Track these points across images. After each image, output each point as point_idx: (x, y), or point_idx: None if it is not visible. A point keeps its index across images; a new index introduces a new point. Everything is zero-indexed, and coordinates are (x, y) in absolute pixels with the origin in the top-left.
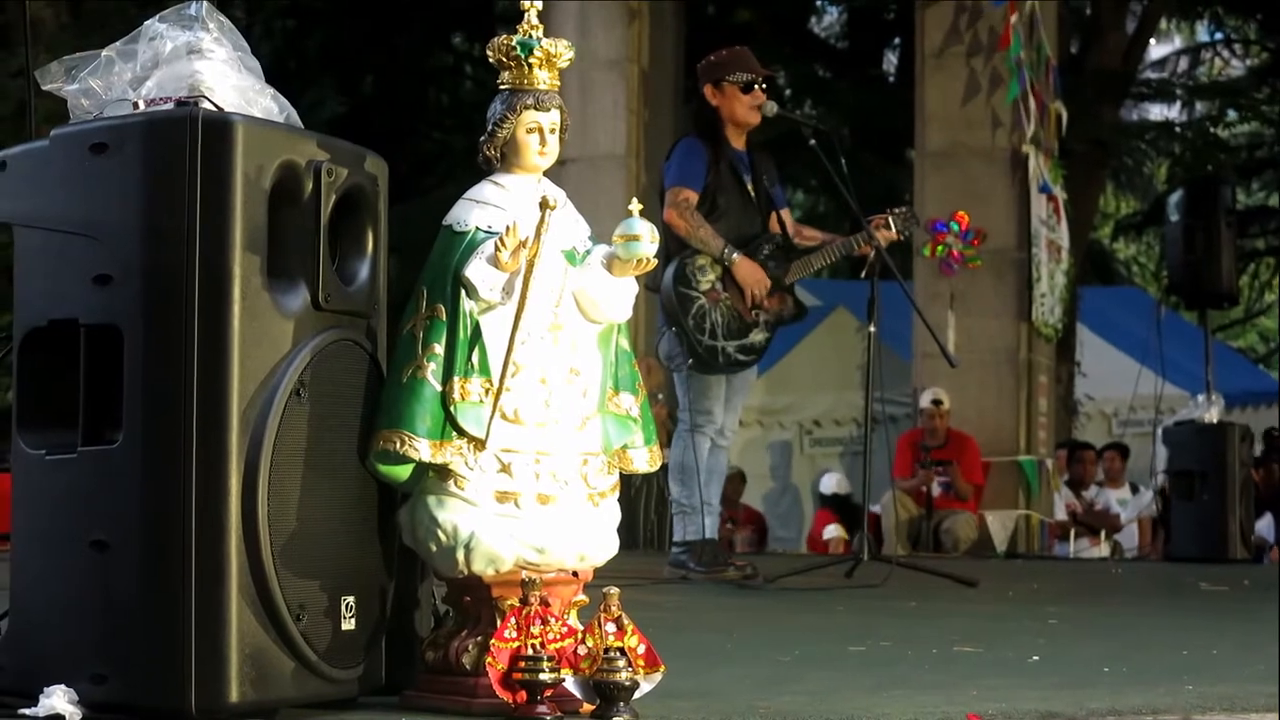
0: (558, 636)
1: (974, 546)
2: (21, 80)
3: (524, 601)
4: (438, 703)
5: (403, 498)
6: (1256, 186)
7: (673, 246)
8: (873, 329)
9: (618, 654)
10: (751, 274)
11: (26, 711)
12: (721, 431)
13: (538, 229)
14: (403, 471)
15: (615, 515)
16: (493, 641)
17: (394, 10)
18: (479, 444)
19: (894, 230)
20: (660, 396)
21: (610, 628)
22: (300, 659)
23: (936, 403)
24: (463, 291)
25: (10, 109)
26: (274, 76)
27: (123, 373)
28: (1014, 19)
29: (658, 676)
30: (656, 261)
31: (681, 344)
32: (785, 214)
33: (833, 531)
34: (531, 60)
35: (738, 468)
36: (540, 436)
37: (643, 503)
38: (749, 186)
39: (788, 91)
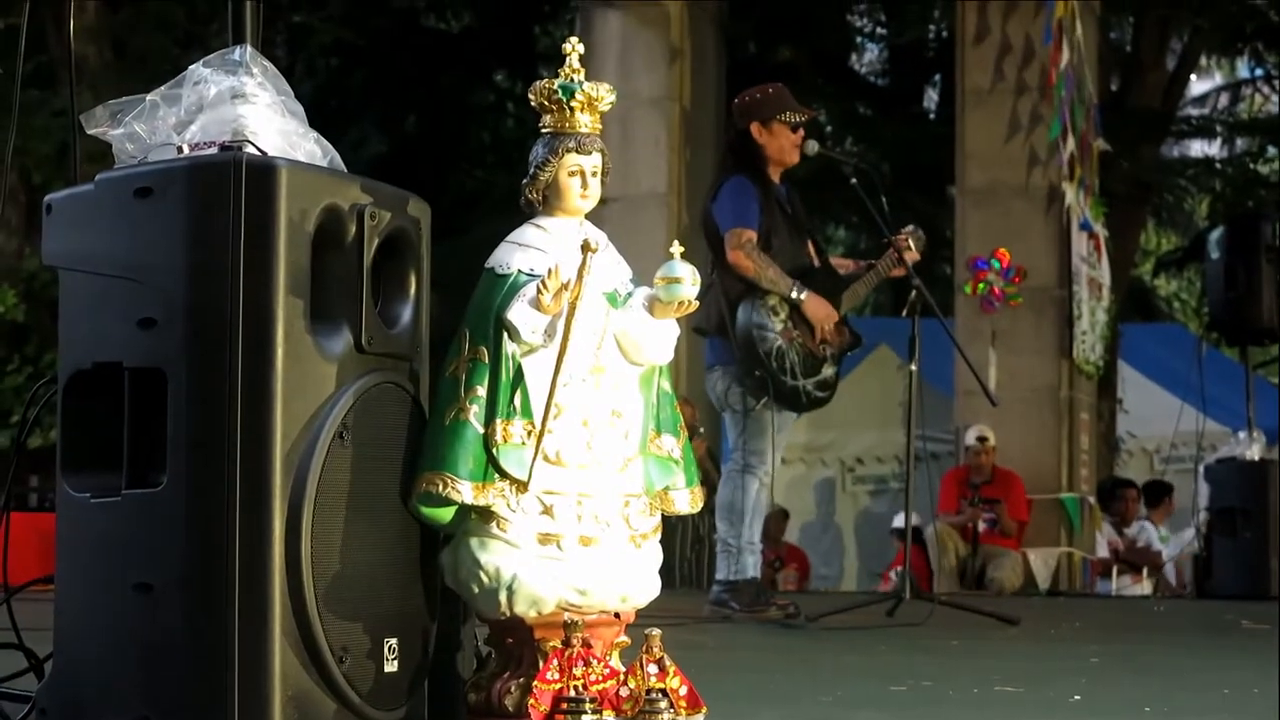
0: (600, 678)
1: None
2: (63, 119)
3: (566, 643)
4: None
5: (445, 539)
6: None
7: (734, 289)
8: (914, 367)
9: (660, 695)
10: (822, 310)
11: None
12: (768, 471)
13: (579, 272)
14: (445, 513)
15: (657, 557)
16: (535, 683)
17: (436, 49)
18: (521, 486)
19: (914, 249)
20: (702, 430)
21: (652, 669)
22: (343, 701)
23: (982, 439)
24: (505, 334)
25: (53, 148)
26: (316, 115)
27: (167, 416)
28: (1063, 57)
29: (700, 718)
30: (698, 304)
31: (756, 385)
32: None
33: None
34: (573, 104)
35: (780, 506)
36: (582, 478)
37: (678, 541)
38: (792, 221)
39: (829, 128)
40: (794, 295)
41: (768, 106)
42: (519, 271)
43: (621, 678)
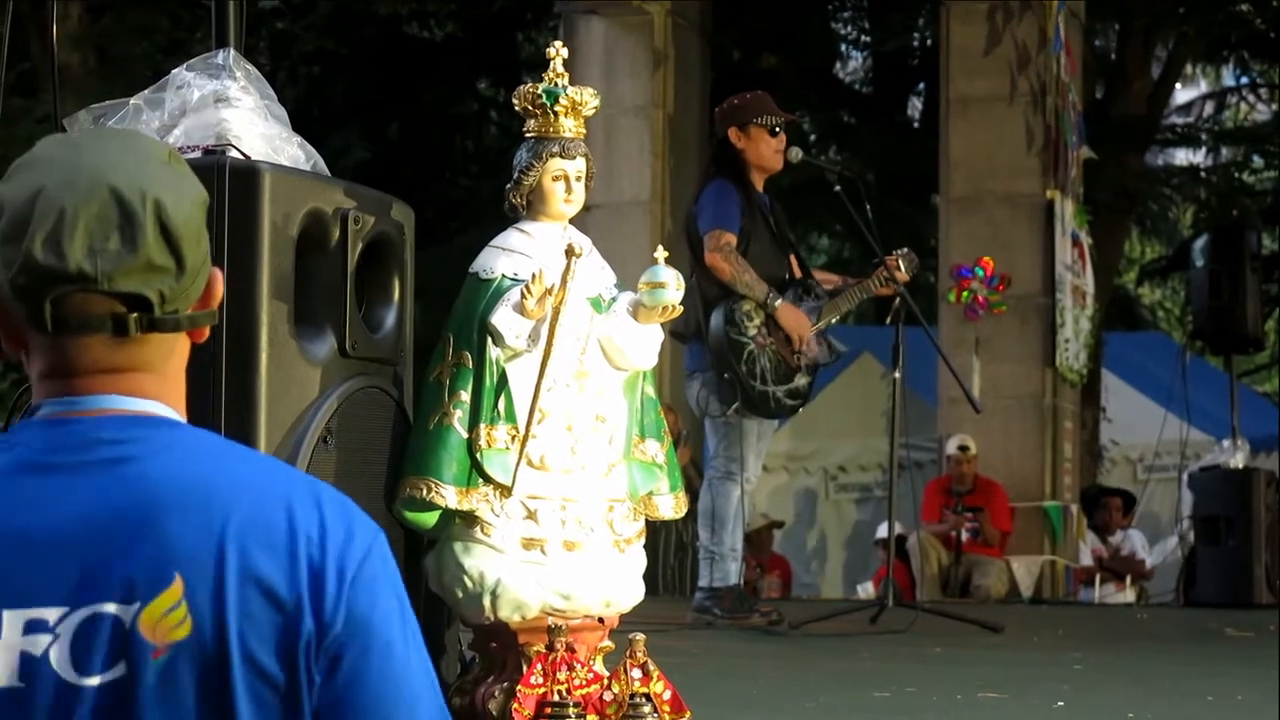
0: (584, 682)
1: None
2: (47, 126)
3: (550, 648)
4: None
5: (429, 544)
6: None
7: (711, 292)
8: (898, 375)
9: (643, 700)
10: (795, 318)
11: None
12: (748, 478)
13: (563, 276)
14: (429, 518)
15: (641, 561)
16: (519, 688)
17: (419, 57)
18: (505, 491)
19: (904, 271)
20: (685, 433)
21: (636, 674)
22: None
23: (963, 449)
24: (489, 339)
25: None
26: (299, 123)
27: None
28: (1076, 66)
29: None
30: (682, 309)
31: (727, 390)
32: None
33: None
34: (557, 108)
35: (774, 519)
36: (566, 483)
37: (662, 547)
38: (773, 230)
39: (813, 137)
40: (768, 302)
41: (745, 111)
42: (503, 276)
43: (605, 682)
